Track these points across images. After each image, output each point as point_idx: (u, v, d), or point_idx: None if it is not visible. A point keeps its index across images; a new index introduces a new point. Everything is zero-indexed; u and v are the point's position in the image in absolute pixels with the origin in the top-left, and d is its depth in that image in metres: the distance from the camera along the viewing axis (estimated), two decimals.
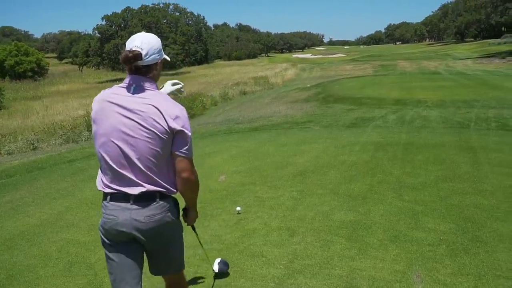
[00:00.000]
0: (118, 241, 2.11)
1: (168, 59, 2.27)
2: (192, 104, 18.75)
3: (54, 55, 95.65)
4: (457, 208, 4.30)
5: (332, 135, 8.44)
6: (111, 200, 2.07)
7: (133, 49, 2.02)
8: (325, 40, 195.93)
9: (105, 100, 2.07)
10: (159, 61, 2.12)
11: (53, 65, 62.79)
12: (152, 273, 2.30)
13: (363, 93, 16.58)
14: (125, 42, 2.12)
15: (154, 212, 2.06)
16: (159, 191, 2.06)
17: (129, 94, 2.04)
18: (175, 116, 2.01)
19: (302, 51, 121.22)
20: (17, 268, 3.62)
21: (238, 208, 4.53)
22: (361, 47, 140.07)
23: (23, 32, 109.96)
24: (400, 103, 13.10)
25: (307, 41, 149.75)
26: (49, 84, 44.63)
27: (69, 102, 26.95)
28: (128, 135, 2.00)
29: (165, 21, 59.42)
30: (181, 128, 2.02)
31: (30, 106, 26.87)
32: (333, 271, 3.24)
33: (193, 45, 67.70)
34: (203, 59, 74.11)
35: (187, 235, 4.00)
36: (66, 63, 79.18)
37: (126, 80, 2.08)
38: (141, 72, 2.06)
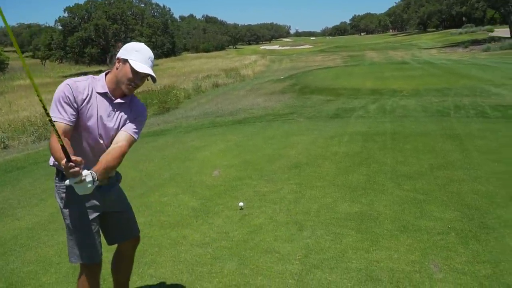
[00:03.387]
0: None
1: (138, 69, 2.30)
2: (166, 97, 18.40)
3: (13, 49, 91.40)
4: (457, 196, 4.38)
5: (318, 126, 8.45)
6: None
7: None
8: (292, 31, 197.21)
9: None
10: (118, 60, 2.32)
11: (13, 59, 59.90)
12: None
13: (338, 84, 16.73)
14: (89, 34, 2.62)
15: None
16: None
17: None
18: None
19: (269, 42, 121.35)
20: (16, 275, 3.40)
21: (241, 204, 4.44)
22: (327, 38, 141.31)
23: None
24: (376, 93, 13.29)
25: (274, 32, 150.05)
26: (10, 79, 42.62)
27: (33, 98, 25.77)
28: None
29: (130, 13, 57.83)
30: None
31: None
32: (351, 265, 3.22)
33: (160, 37, 66.35)
34: (170, 52, 72.76)
35: (194, 233, 3.92)
36: (27, 56, 75.77)
37: None
38: None
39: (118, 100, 2.32)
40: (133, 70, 2.23)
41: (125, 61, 2.25)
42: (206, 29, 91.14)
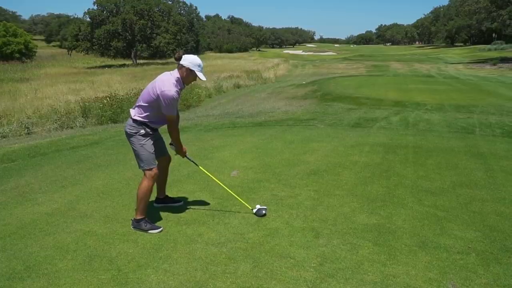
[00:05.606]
0: None
1: (203, 79, 3.98)
2: (189, 95, 18.54)
3: (42, 37, 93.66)
4: (479, 216, 4.28)
5: (338, 134, 8.38)
6: None
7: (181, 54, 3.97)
8: (316, 37, 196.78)
9: None
10: (186, 68, 3.89)
11: (41, 48, 61.38)
12: None
13: (361, 93, 16.61)
14: (116, 28, 3.41)
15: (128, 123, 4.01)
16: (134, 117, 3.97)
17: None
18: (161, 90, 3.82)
19: (293, 47, 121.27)
20: (33, 259, 3.45)
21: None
22: (352, 46, 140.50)
23: (11, 13, 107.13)
24: (399, 105, 13.14)
25: (298, 37, 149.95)
26: (37, 67, 43.70)
27: (58, 86, 26.36)
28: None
29: (157, 9, 58.54)
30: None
31: (17, 88, 26.19)
32: (366, 277, 3.17)
33: (185, 35, 66.92)
34: (194, 50, 73.41)
35: (210, 232, 3.92)
36: (54, 46, 77.66)
37: None
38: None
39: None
40: (197, 78, 3.96)
41: (192, 71, 3.88)
42: (230, 30, 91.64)
